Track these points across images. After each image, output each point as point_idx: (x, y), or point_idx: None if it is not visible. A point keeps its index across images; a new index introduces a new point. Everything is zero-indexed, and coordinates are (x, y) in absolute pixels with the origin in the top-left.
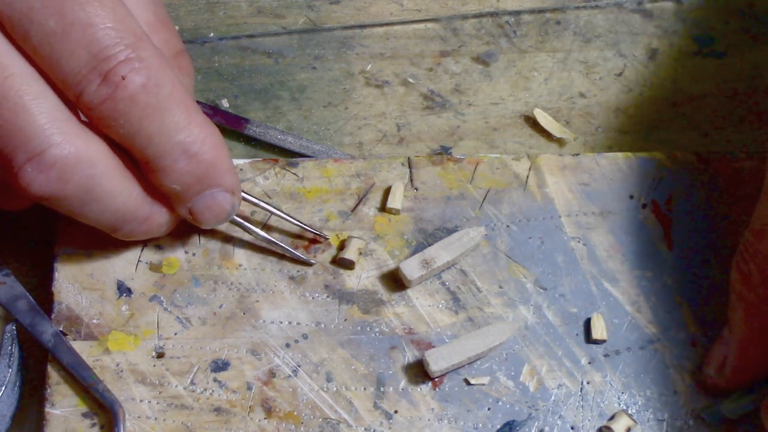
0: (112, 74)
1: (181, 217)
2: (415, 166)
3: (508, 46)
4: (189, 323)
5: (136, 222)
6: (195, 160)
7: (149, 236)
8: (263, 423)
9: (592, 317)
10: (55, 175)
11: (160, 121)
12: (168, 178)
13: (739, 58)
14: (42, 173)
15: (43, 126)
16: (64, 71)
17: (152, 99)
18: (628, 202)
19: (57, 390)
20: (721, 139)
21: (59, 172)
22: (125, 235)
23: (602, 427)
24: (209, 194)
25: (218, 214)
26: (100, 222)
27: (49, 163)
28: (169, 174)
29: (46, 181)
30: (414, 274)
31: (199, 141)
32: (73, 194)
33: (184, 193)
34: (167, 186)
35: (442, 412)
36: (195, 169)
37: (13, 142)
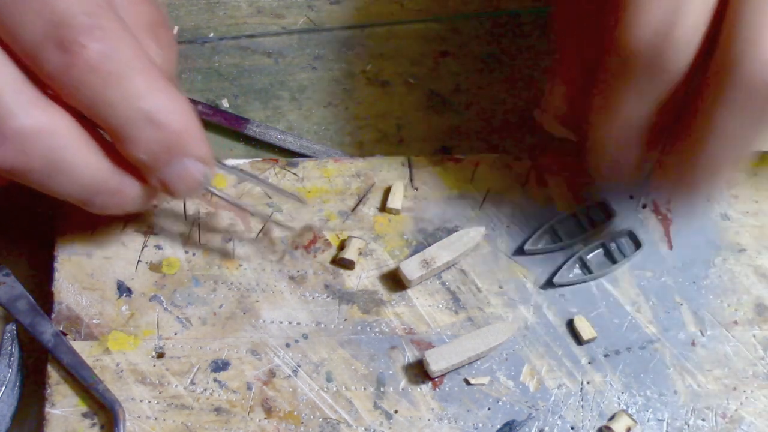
0: (70, 42)
1: (157, 190)
2: (415, 166)
3: (508, 46)
4: (189, 323)
5: (107, 194)
6: (161, 129)
7: (124, 210)
8: (263, 423)
9: (574, 320)
10: (14, 147)
11: (121, 88)
12: (135, 148)
13: None
14: (1, 146)
15: (0, 98)
16: (24, 40)
17: (112, 66)
18: (628, 202)
19: (57, 390)
20: None
21: (19, 143)
22: (99, 208)
23: (602, 427)
24: (179, 164)
25: (190, 184)
26: (69, 195)
27: (7, 135)
28: (135, 143)
29: (5, 153)
30: (414, 274)
31: (164, 109)
32: (36, 167)
33: (153, 163)
34: (136, 156)
35: (442, 412)
36: (162, 137)
37: None
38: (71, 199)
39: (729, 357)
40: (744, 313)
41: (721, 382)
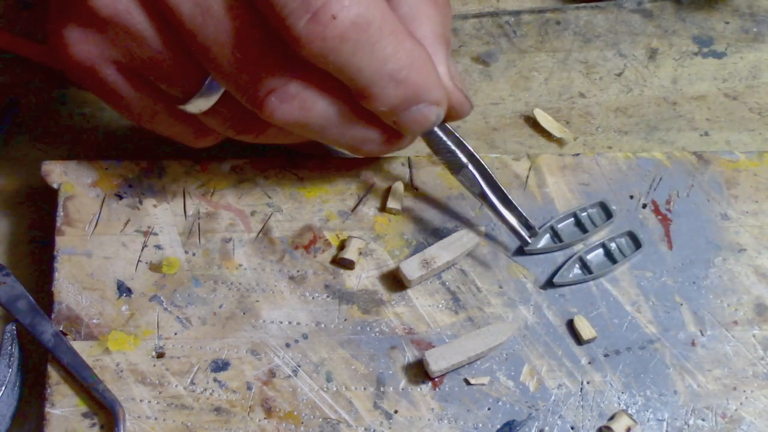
0: (322, 12)
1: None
2: (415, 166)
3: (508, 46)
4: (189, 323)
5: (374, 143)
6: (403, 85)
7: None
8: (263, 423)
9: (574, 320)
10: (297, 105)
11: (370, 55)
12: (377, 103)
13: (739, 58)
14: (285, 102)
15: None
16: (274, 3)
17: (362, 35)
18: (628, 202)
19: (57, 390)
20: (721, 139)
21: (302, 101)
22: (365, 154)
23: (602, 427)
24: (416, 109)
25: (423, 126)
26: (340, 143)
27: (292, 94)
28: (377, 99)
29: (289, 109)
30: (414, 274)
31: (406, 66)
32: (314, 121)
33: (391, 112)
34: (376, 108)
35: (442, 412)
36: (402, 92)
37: (257, 74)
38: (340, 146)
39: (729, 357)
40: (744, 313)
41: (721, 382)
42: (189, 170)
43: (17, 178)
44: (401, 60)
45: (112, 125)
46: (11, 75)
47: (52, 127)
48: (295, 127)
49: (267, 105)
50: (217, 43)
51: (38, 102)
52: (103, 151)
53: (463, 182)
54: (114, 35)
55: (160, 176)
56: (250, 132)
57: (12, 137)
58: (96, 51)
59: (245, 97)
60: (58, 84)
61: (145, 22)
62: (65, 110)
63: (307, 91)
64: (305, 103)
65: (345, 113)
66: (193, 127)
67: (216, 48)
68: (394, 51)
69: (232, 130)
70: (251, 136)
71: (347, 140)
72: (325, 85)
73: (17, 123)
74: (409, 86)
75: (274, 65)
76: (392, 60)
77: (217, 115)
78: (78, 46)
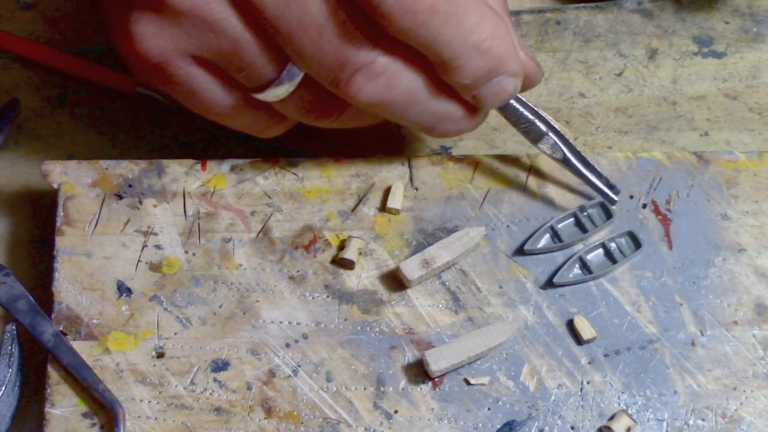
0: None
1: (477, 109)
2: (415, 166)
3: None
4: (189, 323)
5: (452, 121)
6: (486, 56)
7: (460, 132)
8: (263, 423)
9: (574, 320)
10: (383, 82)
11: (457, 26)
12: (461, 75)
13: (739, 58)
14: (371, 81)
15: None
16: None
17: (449, 6)
18: (628, 202)
19: (57, 390)
20: (721, 139)
21: (387, 79)
22: (440, 133)
23: (602, 427)
24: (496, 81)
25: (502, 98)
26: (418, 123)
27: (378, 72)
28: (462, 71)
29: (375, 88)
30: (414, 274)
31: (489, 37)
32: (398, 99)
33: (473, 84)
34: (460, 81)
35: (442, 412)
36: (486, 63)
37: (342, 54)
38: (416, 126)
39: (729, 357)
40: (744, 313)
41: (721, 382)
42: (189, 170)
43: (17, 178)
44: (485, 30)
45: (112, 125)
46: (11, 75)
47: (52, 127)
48: (379, 106)
49: (353, 85)
50: (302, 26)
51: (38, 102)
52: (103, 151)
53: (545, 150)
54: (190, 27)
55: (160, 176)
56: (329, 116)
57: (12, 137)
58: (171, 44)
59: (330, 80)
60: (58, 84)
61: (224, 11)
62: (65, 110)
63: (393, 67)
64: (390, 81)
65: (427, 89)
66: (267, 116)
67: (300, 32)
68: (479, 21)
69: (310, 116)
70: (329, 120)
71: (426, 118)
72: (408, 61)
73: (17, 123)
74: (492, 57)
75: (359, 44)
76: (477, 30)
77: (296, 101)
78: (151, 41)
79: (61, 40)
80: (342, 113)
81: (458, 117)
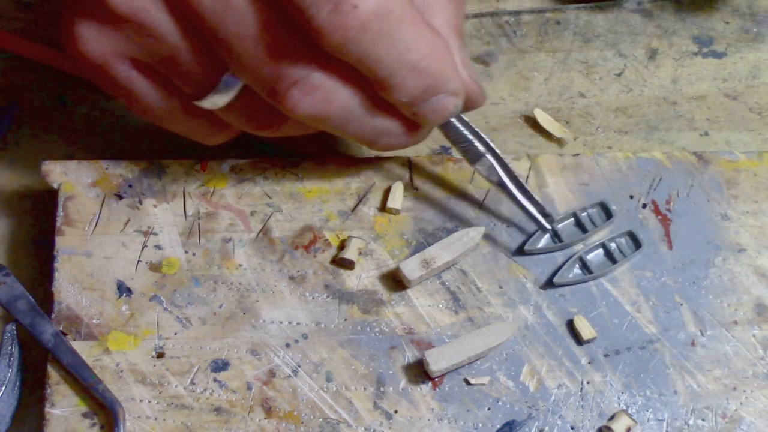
0: (343, 2)
1: (418, 125)
2: (415, 166)
3: (508, 46)
4: (189, 323)
5: (392, 136)
6: (422, 75)
7: (396, 147)
8: (263, 423)
9: (574, 320)
10: (320, 97)
11: (390, 44)
12: (397, 93)
13: (739, 58)
14: (307, 95)
15: (300, 52)
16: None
17: (383, 25)
18: (628, 202)
19: (57, 390)
20: (721, 139)
21: (324, 94)
22: (382, 147)
23: (602, 427)
24: (435, 99)
25: (442, 116)
26: (358, 137)
27: (314, 86)
28: (398, 90)
29: (311, 102)
30: (414, 274)
31: (426, 56)
32: (335, 114)
33: (411, 103)
34: (396, 99)
35: (442, 412)
36: (422, 82)
37: (279, 67)
38: (357, 140)
39: (729, 357)
40: (744, 313)
41: (721, 382)
42: (189, 170)
43: (17, 178)
44: (421, 50)
45: (112, 125)
46: (11, 75)
47: (52, 127)
48: (316, 120)
49: (289, 98)
50: (238, 36)
51: (38, 102)
52: (103, 151)
53: (481, 172)
54: (130, 32)
55: (160, 176)
56: (269, 127)
57: (12, 137)
58: (110, 48)
59: (266, 91)
60: (58, 84)
61: (163, 18)
62: (65, 110)
63: (329, 82)
64: (327, 95)
65: (365, 105)
66: (208, 124)
67: (237, 42)
68: (415, 41)
69: (250, 125)
70: (269, 130)
71: (366, 133)
72: (345, 77)
73: (17, 123)
74: (429, 76)
75: (296, 58)
76: (413, 50)
77: (235, 110)
78: (91, 43)
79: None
80: (283, 124)
81: (398, 133)
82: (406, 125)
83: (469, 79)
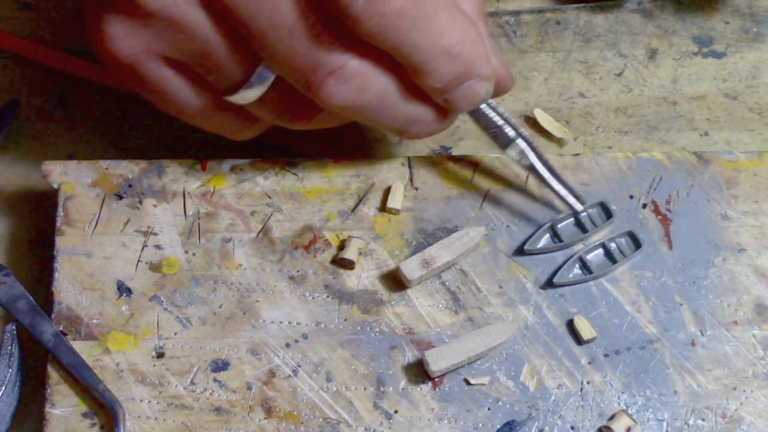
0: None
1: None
2: (415, 166)
3: (508, 46)
4: (189, 323)
5: (423, 123)
6: (456, 60)
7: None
8: (263, 423)
9: (574, 320)
10: (355, 86)
11: (426, 30)
12: (432, 79)
13: (739, 58)
14: (343, 84)
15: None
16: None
17: (419, 11)
18: (628, 202)
19: (57, 390)
20: (721, 139)
21: (359, 82)
22: (413, 135)
23: (602, 427)
24: (467, 85)
25: (473, 101)
26: (390, 126)
27: (350, 75)
28: (432, 75)
29: (346, 91)
30: (414, 274)
31: (460, 41)
32: (370, 103)
33: (444, 88)
34: (431, 85)
35: (442, 412)
36: (456, 68)
37: (314, 57)
38: (389, 129)
39: (729, 357)
40: (744, 313)
41: (721, 382)
42: (189, 170)
43: (17, 178)
44: (456, 35)
45: (112, 125)
46: (11, 75)
47: (52, 127)
48: (351, 109)
49: (325, 88)
50: (273, 28)
51: (38, 102)
52: (103, 151)
53: (512, 156)
54: (161, 28)
55: (160, 176)
56: (302, 119)
57: (12, 137)
58: (141, 45)
59: (301, 82)
60: (58, 84)
61: (195, 13)
62: (65, 110)
63: (364, 71)
64: (362, 84)
65: (399, 92)
66: (239, 119)
67: (271, 33)
68: (449, 26)
69: (281, 118)
70: (301, 123)
71: (398, 121)
72: (380, 65)
73: (17, 123)
74: (462, 61)
75: (330, 47)
76: (447, 34)
77: (267, 104)
78: (122, 41)
79: (61, 40)
80: (315, 116)
81: (429, 120)
82: (437, 112)
83: (498, 64)
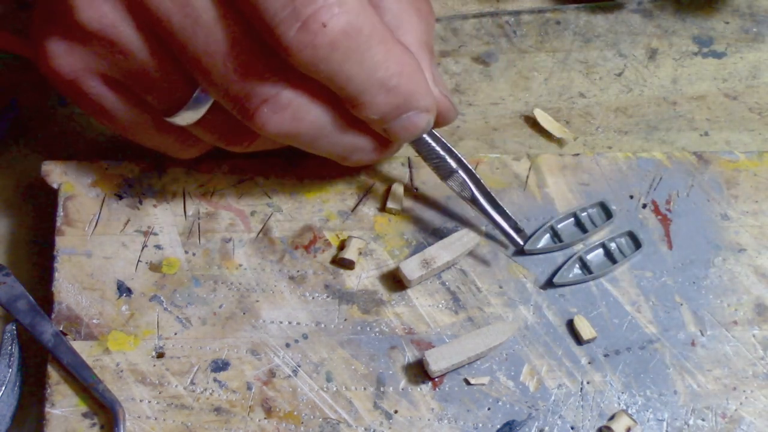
0: (312, 21)
1: (388, 141)
2: (415, 166)
3: (508, 46)
4: (189, 323)
5: (363, 152)
6: (393, 93)
7: (375, 162)
8: (263, 423)
9: (574, 320)
10: (290, 115)
11: (360, 62)
12: (367, 111)
13: (739, 58)
14: (277, 113)
15: (270, 69)
16: (263, 12)
17: (352, 43)
18: (628, 202)
19: (57, 390)
20: (721, 139)
21: (294, 112)
22: (353, 163)
23: (602, 427)
24: (406, 117)
25: (413, 133)
26: (329, 154)
27: (284, 104)
28: (368, 107)
29: (281, 120)
30: (414, 274)
31: (396, 74)
32: (305, 132)
33: (382, 120)
34: (367, 117)
35: (442, 412)
36: (393, 100)
37: (248, 84)
38: (328, 156)
39: (729, 357)
40: (744, 313)
41: (721, 382)
42: (189, 170)
43: (17, 178)
44: (391, 68)
45: None
46: (11, 75)
47: (52, 127)
48: (287, 137)
49: (259, 116)
50: (208, 53)
51: (38, 102)
52: (103, 151)
53: (453, 187)
54: (100, 48)
55: (160, 176)
56: (240, 143)
57: (12, 137)
58: (80, 63)
59: (236, 109)
60: None
61: (133, 34)
62: (65, 110)
63: (299, 100)
64: (297, 113)
65: (336, 122)
66: (179, 139)
67: (206, 59)
68: (384, 59)
69: (221, 141)
70: (240, 146)
71: (337, 150)
72: (315, 95)
73: (17, 123)
74: (399, 94)
75: (266, 75)
76: (382, 68)
77: (206, 126)
78: (61, 59)
79: None
80: (254, 140)
81: (369, 149)
82: (377, 141)
83: (440, 95)
